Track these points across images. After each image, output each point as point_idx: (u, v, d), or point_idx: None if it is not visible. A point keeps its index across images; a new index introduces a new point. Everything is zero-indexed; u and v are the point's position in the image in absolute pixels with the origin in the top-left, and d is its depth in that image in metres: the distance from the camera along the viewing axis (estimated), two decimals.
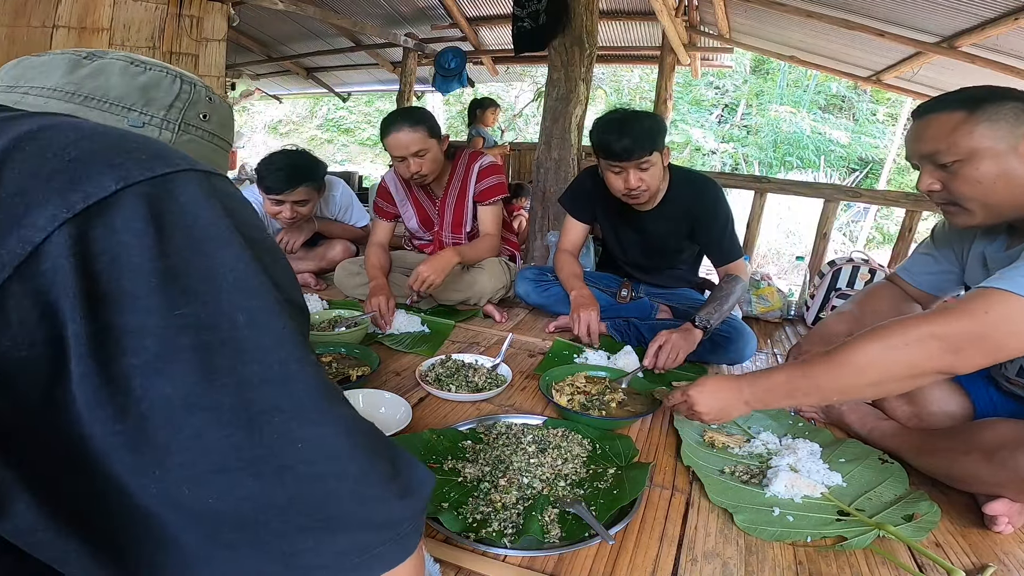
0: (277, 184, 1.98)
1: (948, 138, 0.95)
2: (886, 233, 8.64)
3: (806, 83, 10.78)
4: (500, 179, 2.12)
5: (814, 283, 2.41)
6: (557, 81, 2.82)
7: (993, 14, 2.69)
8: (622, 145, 1.60)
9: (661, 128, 1.68)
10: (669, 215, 1.83)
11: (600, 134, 1.65)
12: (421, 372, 1.44)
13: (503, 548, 0.84)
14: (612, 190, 1.74)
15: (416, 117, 1.93)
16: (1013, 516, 0.96)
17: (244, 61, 7.18)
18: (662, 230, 1.87)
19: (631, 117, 1.64)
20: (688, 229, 1.84)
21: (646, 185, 1.68)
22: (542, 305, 2.07)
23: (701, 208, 1.78)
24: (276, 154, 2.06)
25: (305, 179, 2.03)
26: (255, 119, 13.10)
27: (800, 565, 0.87)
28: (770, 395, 1.01)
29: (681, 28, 4.43)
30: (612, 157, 1.64)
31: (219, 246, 0.35)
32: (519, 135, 10.97)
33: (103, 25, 3.25)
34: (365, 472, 0.37)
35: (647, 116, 1.69)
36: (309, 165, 2.08)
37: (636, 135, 1.60)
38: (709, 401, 1.07)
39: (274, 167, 1.99)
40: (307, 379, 0.36)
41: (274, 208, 2.05)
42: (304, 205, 2.08)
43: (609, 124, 1.64)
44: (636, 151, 1.61)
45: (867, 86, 4.95)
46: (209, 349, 0.33)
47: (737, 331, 1.70)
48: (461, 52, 5.62)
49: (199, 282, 0.34)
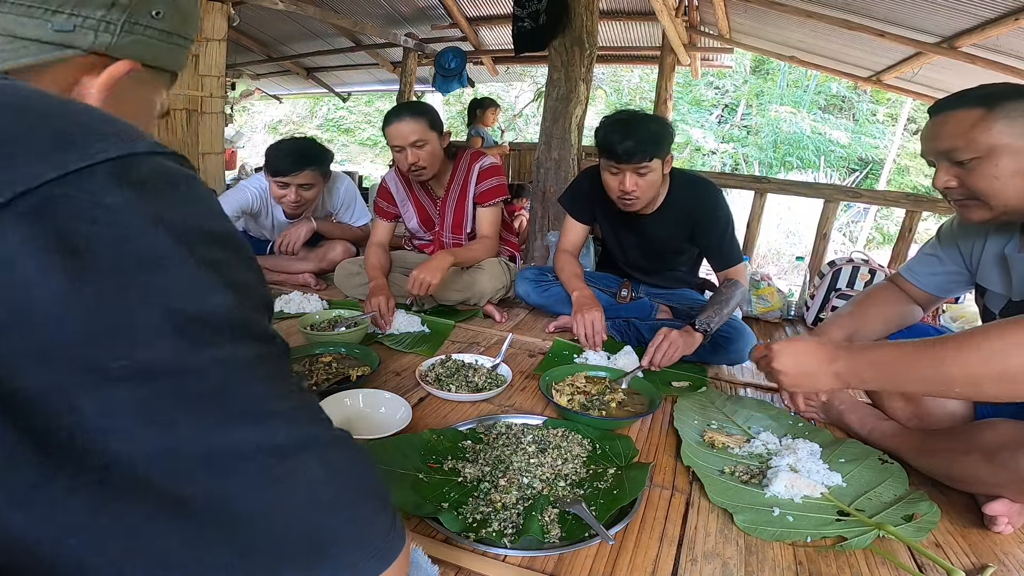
0: (284, 166, 2.04)
1: (966, 135, 0.95)
2: (886, 233, 8.64)
3: (806, 83, 10.79)
4: (501, 181, 2.12)
5: (814, 283, 2.41)
6: (557, 81, 2.82)
7: (993, 14, 2.69)
8: (624, 147, 1.59)
9: (668, 134, 1.66)
10: (669, 219, 1.82)
11: (605, 132, 1.63)
12: (421, 372, 1.44)
13: (503, 548, 0.84)
14: (607, 190, 1.73)
15: (419, 109, 1.96)
16: (1013, 516, 0.96)
17: (244, 61, 7.18)
18: (662, 234, 1.87)
19: (638, 119, 1.63)
20: (688, 233, 1.83)
21: (640, 191, 1.67)
22: (542, 305, 2.07)
23: (701, 212, 1.78)
24: (285, 139, 2.15)
25: (311, 163, 2.08)
26: (255, 119, 13.10)
27: (800, 565, 0.87)
28: (872, 371, 0.91)
29: (681, 28, 4.43)
30: (612, 157, 1.63)
31: (149, 270, 0.30)
32: (519, 135, 10.97)
33: None
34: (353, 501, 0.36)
35: (655, 120, 1.67)
36: (315, 150, 2.14)
37: (640, 138, 1.59)
38: (792, 362, 0.99)
39: (282, 151, 2.06)
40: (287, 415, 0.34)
41: (280, 191, 2.10)
42: (309, 189, 2.13)
43: (615, 124, 1.62)
44: (637, 154, 1.60)
45: (867, 86, 4.95)
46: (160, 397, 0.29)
47: (737, 332, 1.70)
48: (461, 52, 5.62)
49: (129, 328, 0.29)
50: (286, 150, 2.07)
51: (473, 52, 5.97)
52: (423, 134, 1.90)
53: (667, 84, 4.96)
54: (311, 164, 2.08)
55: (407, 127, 1.89)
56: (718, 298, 1.67)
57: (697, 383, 1.56)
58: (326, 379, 1.35)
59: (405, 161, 1.94)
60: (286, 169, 2.05)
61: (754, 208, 3.22)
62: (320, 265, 2.38)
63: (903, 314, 1.27)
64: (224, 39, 3.88)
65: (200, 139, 3.93)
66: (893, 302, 1.28)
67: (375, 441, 1.08)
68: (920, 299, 1.28)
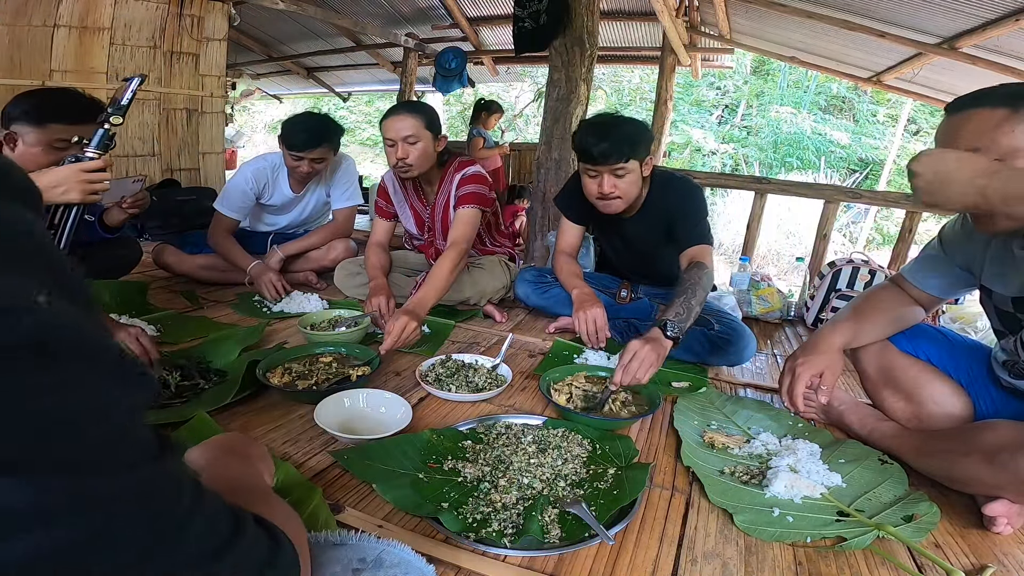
0: (300, 142, 2.11)
1: (988, 135, 0.90)
2: (886, 234, 8.65)
3: (806, 84, 10.80)
4: (481, 188, 2.01)
5: (814, 284, 2.41)
6: (558, 81, 2.82)
7: (994, 15, 2.69)
8: (599, 149, 1.61)
9: (644, 137, 1.67)
10: (649, 219, 1.83)
11: (581, 135, 1.65)
12: (421, 372, 1.44)
13: (503, 548, 0.84)
14: (586, 193, 1.74)
15: (417, 108, 1.96)
16: (1012, 517, 0.96)
17: (245, 61, 7.19)
18: (643, 234, 1.88)
19: (613, 122, 1.64)
20: (666, 228, 1.81)
21: (619, 192, 1.67)
22: (542, 307, 2.07)
23: (676, 206, 1.78)
24: (301, 115, 2.20)
25: (325, 139, 2.17)
26: (255, 119, 13.11)
27: (800, 566, 0.87)
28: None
29: (682, 29, 4.44)
30: (589, 160, 1.65)
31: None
32: (519, 135, 10.98)
33: (104, 24, 3.25)
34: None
35: (630, 123, 1.67)
36: (330, 128, 2.21)
37: (614, 140, 1.60)
38: (933, 162, 0.90)
39: (299, 127, 2.13)
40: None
41: (294, 163, 2.16)
42: (320, 163, 2.20)
43: (591, 127, 1.64)
44: (612, 155, 1.61)
45: (867, 87, 4.95)
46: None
47: (737, 333, 1.70)
48: (462, 52, 5.63)
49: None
50: (303, 126, 2.13)
51: (473, 52, 5.97)
52: (416, 131, 1.90)
53: (667, 84, 4.97)
54: (325, 140, 2.16)
55: (402, 122, 1.90)
56: (682, 289, 1.49)
57: (697, 383, 1.56)
58: (326, 379, 1.35)
59: (394, 155, 1.93)
60: (302, 145, 2.11)
61: (754, 209, 3.22)
62: (320, 264, 2.39)
63: (905, 315, 1.26)
64: (225, 39, 3.89)
65: (200, 139, 3.93)
66: (895, 303, 1.27)
67: (375, 441, 1.08)
68: (922, 300, 1.27)
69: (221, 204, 2.23)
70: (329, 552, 0.77)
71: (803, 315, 2.43)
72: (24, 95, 1.50)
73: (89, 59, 3.23)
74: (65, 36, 3.11)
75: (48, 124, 1.44)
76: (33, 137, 1.44)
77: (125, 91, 1.20)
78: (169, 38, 3.59)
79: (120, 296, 1.81)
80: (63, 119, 1.46)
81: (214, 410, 1.18)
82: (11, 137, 1.45)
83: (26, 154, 1.44)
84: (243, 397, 1.26)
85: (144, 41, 3.46)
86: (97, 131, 1.21)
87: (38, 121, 1.45)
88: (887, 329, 1.26)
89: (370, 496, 0.95)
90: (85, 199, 1.18)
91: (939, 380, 1.20)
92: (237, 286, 2.24)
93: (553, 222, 2.86)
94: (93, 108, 1.52)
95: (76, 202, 1.17)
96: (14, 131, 1.45)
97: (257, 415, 1.22)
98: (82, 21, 3.16)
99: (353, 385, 1.32)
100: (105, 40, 3.27)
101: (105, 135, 1.21)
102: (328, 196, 2.44)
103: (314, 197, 2.42)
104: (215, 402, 1.20)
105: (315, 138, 2.13)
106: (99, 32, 3.24)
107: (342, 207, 2.43)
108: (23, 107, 1.45)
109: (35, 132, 1.44)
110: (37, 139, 1.44)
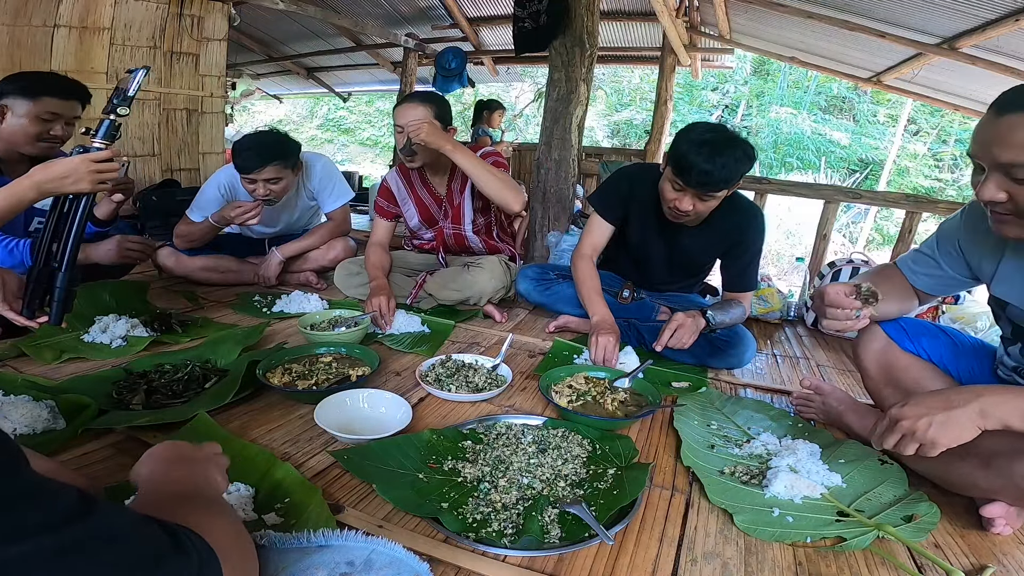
0: (246, 163, 2.01)
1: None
2: (886, 234, 8.65)
3: (806, 84, 10.79)
4: (500, 160, 2.09)
5: (814, 284, 2.41)
6: (558, 81, 2.82)
7: (994, 15, 2.69)
8: (700, 176, 1.47)
9: (747, 167, 1.52)
10: (709, 235, 1.76)
11: (687, 149, 1.48)
12: (421, 372, 1.44)
13: (503, 548, 0.84)
14: (662, 195, 1.65)
15: (429, 97, 2.00)
16: (1010, 518, 0.96)
17: (245, 61, 7.19)
18: (696, 248, 1.82)
19: (726, 145, 1.46)
20: (722, 252, 1.79)
21: (695, 214, 1.60)
22: (543, 304, 2.06)
23: (741, 235, 1.72)
24: (247, 135, 2.10)
25: (274, 158, 2.02)
26: (255, 119, 13.10)
27: (800, 566, 0.87)
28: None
29: (682, 29, 4.43)
30: (683, 176, 1.51)
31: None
32: (519, 135, 10.96)
33: (104, 24, 3.25)
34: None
35: (740, 148, 1.48)
36: (277, 144, 2.06)
37: (719, 167, 1.46)
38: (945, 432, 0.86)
39: (244, 147, 2.02)
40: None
41: (249, 186, 2.08)
42: (277, 183, 2.07)
43: (702, 145, 1.46)
44: (710, 186, 1.49)
45: (868, 87, 4.95)
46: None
47: (738, 336, 1.70)
48: (462, 52, 5.62)
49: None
50: (247, 145, 2.02)
51: (473, 52, 5.97)
52: (425, 119, 1.92)
53: (667, 85, 4.96)
54: (274, 159, 2.02)
55: (412, 110, 1.94)
56: (727, 306, 1.67)
57: (697, 383, 1.56)
58: (326, 379, 1.35)
59: (402, 140, 1.97)
60: (249, 166, 2.01)
61: None
62: (321, 264, 2.38)
63: (906, 301, 1.25)
64: (225, 39, 3.89)
65: (200, 139, 3.93)
66: (901, 286, 1.25)
67: (375, 441, 1.08)
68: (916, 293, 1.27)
69: (192, 214, 2.18)
70: (312, 556, 0.73)
71: (803, 315, 2.43)
72: (16, 74, 1.66)
73: (89, 59, 3.22)
74: (65, 36, 3.11)
75: (42, 97, 1.60)
76: (24, 109, 1.59)
77: (131, 82, 1.20)
78: (169, 38, 3.58)
79: (120, 296, 1.81)
80: (56, 94, 1.63)
81: (214, 410, 1.18)
82: (1, 110, 1.59)
83: (14, 125, 1.60)
84: (243, 397, 1.26)
85: (144, 41, 3.46)
86: (104, 122, 1.21)
87: (33, 94, 1.60)
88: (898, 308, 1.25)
89: (370, 496, 0.95)
90: (95, 189, 1.18)
91: (941, 380, 1.20)
92: (237, 286, 2.24)
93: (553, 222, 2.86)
94: (81, 88, 1.72)
95: (86, 192, 1.17)
96: (4, 104, 1.59)
97: (257, 415, 1.22)
98: (82, 21, 3.16)
99: (353, 385, 1.32)
100: (105, 40, 3.27)
101: (112, 125, 1.21)
102: (314, 201, 2.38)
103: (299, 206, 2.36)
104: (215, 402, 1.20)
105: (263, 156, 2.00)
106: (99, 32, 3.24)
107: (334, 208, 2.37)
108: (19, 83, 1.61)
109: (28, 104, 1.59)
110: (28, 111, 1.59)
